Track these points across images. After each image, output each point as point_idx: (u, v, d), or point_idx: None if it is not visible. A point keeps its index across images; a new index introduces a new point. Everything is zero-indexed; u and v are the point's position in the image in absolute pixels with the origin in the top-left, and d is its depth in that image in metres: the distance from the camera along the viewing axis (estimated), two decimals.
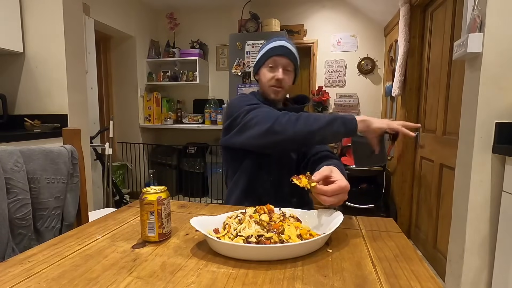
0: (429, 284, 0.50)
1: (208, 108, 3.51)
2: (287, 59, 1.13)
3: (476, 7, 1.31)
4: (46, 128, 1.85)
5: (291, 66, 1.15)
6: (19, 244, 0.85)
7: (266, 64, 1.15)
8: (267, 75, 1.14)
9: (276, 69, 1.13)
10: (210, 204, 0.97)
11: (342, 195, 0.72)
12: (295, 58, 1.15)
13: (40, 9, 1.90)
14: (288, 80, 1.15)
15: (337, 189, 0.70)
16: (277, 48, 1.13)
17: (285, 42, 1.15)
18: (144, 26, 3.62)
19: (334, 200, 0.71)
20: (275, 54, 1.12)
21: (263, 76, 1.16)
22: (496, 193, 1.31)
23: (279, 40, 1.16)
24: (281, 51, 1.12)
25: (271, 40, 1.18)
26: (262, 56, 1.16)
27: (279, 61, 1.13)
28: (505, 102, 1.29)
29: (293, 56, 1.14)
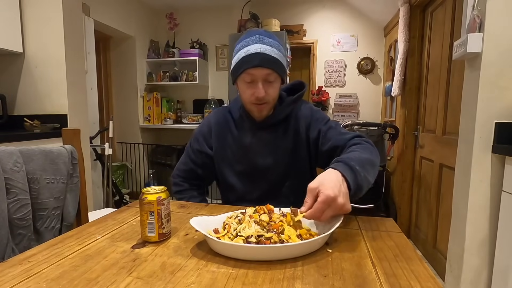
0: (429, 284, 0.50)
1: (208, 108, 3.51)
2: (266, 69, 0.90)
3: (476, 7, 1.31)
4: (45, 128, 1.85)
5: (274, 75, 0.93)
6: (18, 245, 0.85)
7: (241, 77, 0.94)
8: (245, 91, 0.95)
9: (255, 84, 0.92)
10: (210, 204, 0.97)
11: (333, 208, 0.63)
12: (277, 63, 0.92)
13: (40, 9, 1.90)
14: (273, 92, 0.95)
15: (322, 206, 0.62)
16: (251, 57, 0.90)
17: (259, 44, 0.90)
18: (143, 26, 3.62)
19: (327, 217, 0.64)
20: (249, 66, 0.90)
21: (241, 91, 0.98)
22: (496, 193, 1.31)
23: (252, 44, 0.91)
24: (256, 61, 0.89)
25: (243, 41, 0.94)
26: (236, 67, 0.95)
27: (256, 75, 0.91)
28: (504, 102, 1.29)
29: (275, 62, 0.91)
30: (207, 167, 1.09)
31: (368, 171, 0.75)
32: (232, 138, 1.05)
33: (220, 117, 1.09)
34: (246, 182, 1.04)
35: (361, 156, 0.79)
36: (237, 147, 1.04)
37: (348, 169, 0.70)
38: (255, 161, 1.03)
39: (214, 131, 1.07)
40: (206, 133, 1.08)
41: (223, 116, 1.09)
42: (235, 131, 1.05)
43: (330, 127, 0.98)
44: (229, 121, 1.07)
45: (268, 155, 1.02)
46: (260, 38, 0.92)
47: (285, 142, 1.02)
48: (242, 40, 0.95)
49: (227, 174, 1.06)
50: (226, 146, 1.05)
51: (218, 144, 1.06)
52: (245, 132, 1.04)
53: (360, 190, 0.72)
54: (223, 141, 1.06)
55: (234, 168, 1.05)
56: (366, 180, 0.74)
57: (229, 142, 1.05)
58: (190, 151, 1.10)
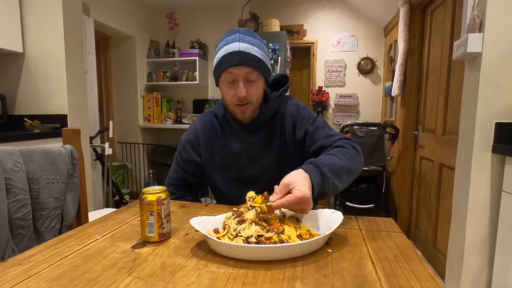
0: (429, 284, 0.50)
1: (208, 108, 3.51)
2: (246, 67, 0.88)
3: (476, 7, 1.31)
4: (45, 128, 1.85)
5: (255, 74, 0.90)
6: (19, 245, 0.85)
7: (222, 77, 0.92)
8: (227, 92, 0.93)
9: (236, 84, 0.90)
10: (210, 204, 0.97)
11: (302, 204, 0.66)
12: (258, 61, 0.89)
13: (40, 9, 1.90)
14: (255, 91, 0.92)
15: (293, 200, 0.65)
16: (230, 56, 0.88)
17: (239, 43, 0.88)
18: (144, 26, 3.62)
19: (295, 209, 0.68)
20: (229, 65, 0.88)
21: (223, 92, 0.95)
22: (496, 193, 1.31)
23: (231, 42, 0.89)
24: (236, 59, 0.87)
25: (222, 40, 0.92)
26: (216, 67, 0.93)
27: (236, 74, 0.89)
28: (504, 102, 1.29)
29: (253, 60, 0.88)
30: (198, 175, 1.07)
31: (341, 178, 0.77)
32: (220, 144, 1.03)
33: (206, 123, 1.06)
34: (239, 188, 0.96)
35: (338, 162, 0.79)
36: (226, 153, 1.02)
37: (318, 174, 0.72)
38: (246, 166, 1.00)
39: (201, 139, 1.05)
40: (193, 141, 1.05)
41: (209, 122, 1.06)
42: (222, 136, 1.03)
43: (318, 127, 0.96)
44: (216, 126, 1.04)
45: (258, 158, 1.00)
46: (240, 37, 0.89)
47: (274, 142, 0.99)
48: (222, 39, 0.93)
49: (219, 182, 1.04)
50: (215, 152, 1.03)
51: (206, 151, 1.04)
52: (232, 137, 1.02)
53: (322, 197, 0.75)
54: (211, 148, 1.04)
55: (225, 175, 1.02)
56: (334, 187, 0.76)
57: (217, 148, 1.03)
58: (180, 160, 1.07)
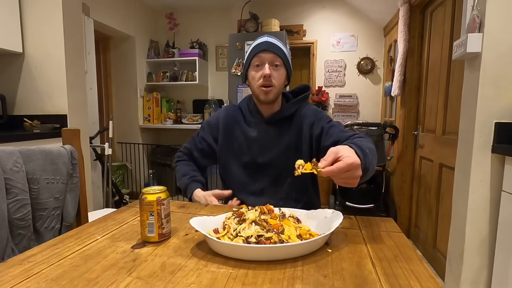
0: (428, 283, 0.50)
1: (208, 108, 3.51)
2: (271, 53, 1.06)
3: (476, 7, 1.31)
4: (45, 128, 1.85)
5: (279, 60, 1.07)
6: (18, 245, 0.85)
7: (252, 64, 1.09)
8: (254, 75, 1.08)
9: (262, 66, 1.06)
10: (210, 204, 0.97)
11: (352, 172, 0.66)
12: (281, 51, 1.08)
13: (40, 9, 1.90)
14: (278, 76, 1.07)
15: (344, 167, 0.64)
16: (259, 45, 1.08)
17: (267, 37, 1.09)
18: (143, 26, 3.62)
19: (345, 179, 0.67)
20: (258, 51, 1.06)
21: (251, 78, 1.10)
22: (496, 193, 1.31)
23: (261, 37, 1.11)
24: (264, 46, 1.06)
25: (254, 41, 1.14)
26: (247, 58, 1.12)
27: (263, 57, 1.06)
28: (504, 102, 1.29)
29: (278, 49, 1.07)
30: (203, 153, 1.20)
31: (373, 159, 0.78)
32: (240, 131, 1.15)
33: (229, 112, 1.19)
34: (249, 173, 1.12)
35: (368, 144, 0.81)
36: (243, 140, 1.13)
37: (359, 150, 0.72)
38: (258, 154, 1.11)
39: (222, 124, 1.17)
40: (213, 125, 1.19)
41: (232, 111, 1.19)
42: (244, 124, 1.15)
43: (333, 125, 1.06)
44: (238, 116, 1.18)
45: (272, 149, 1.10)
46: (268, 35, 1.10)
47: (289, 139, 1.10)
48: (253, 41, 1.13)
49: (232, 165, 1.14)
50: (233, 139, 1.15)
51: (224, 136, 1.16)
52: (251, 126, 1.14)
53: (366, 173, 0.73)
54: (230, 134, 1.15)
55: (239, 160, 1.13)
56: (372, 166, 0.76)
57: (236, 135, 1.15)
58: (196, 137, 1.23)
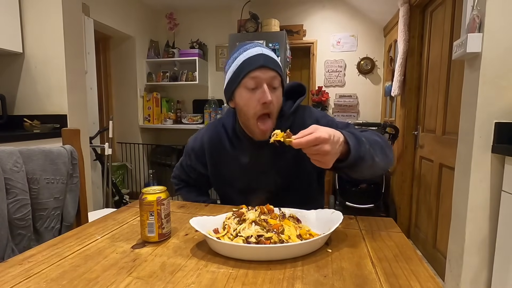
0: (428, 283, 0.50)
1: (208, 108, 3.51)
2: (270, 71, 0.82)
3: (475, 7, 1.31)
4: (45, 128, 1.85)
5: (278, 80, 0.85)
6: (18, 245, 0.85)
7: (243, 84, 0.84)
8: (248, 100, 0.84)
9: (260, 89, 0.82)
10: (209, 204, 0.97)
11: (320, 147, 0.62)
12: (279, 67, 0.86)
13: (40, 9, 1.90)
14: (277, 101, 0.86)
15: (311, 139, 0.62)
16: (253, 59, 0.82)
17: (261, 48, 0.84)
18: (143, 26, 3.62)
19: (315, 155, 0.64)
20: (253, 67, 0.81)
21: (243, 102, 0.85)
22: (496, 192, 1.31)
23: (252, 47, 0.84)
24: (260, 61, 0.82)
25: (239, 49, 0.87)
26: (235, 74, 0.85)
27: (261, 76, 0.82)
28: (504, 102, 1.29)
29: (276, 64, 0.85)
30: (200, 181, 1.09)
31: (376, 151, 0.74)
32: (228, 157, 0.98)
33: (213, 134, 1.01)
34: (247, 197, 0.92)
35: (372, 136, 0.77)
36: (234, 166, 0.97)
37: (353, 137, 0.69)
38: (255, 178, 0.96)
39: (207, 149, 1.01)
40: (198, 151, 1.03)
41: (216, 133, 1.00)
42: (231, 150, 0.97)
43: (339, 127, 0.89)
44: (223, 139, 0.99)
45: (268, 172, 0.95)
46: (259, 45, 0.86)
47: (287, 157, 0.93)
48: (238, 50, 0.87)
49: (226, 191, 1.04)
50: (221, 166, 1.00)
51: (212, 162, 1.01)
52: (241, 152, 0.96)
53: (361, 160, 0.70)
54: (218, 160, 1.00)
55: (233, 186, 1.00)
56: (370, 155, 0.71)
57: (224, 161, 0.99)
58: (184, 164, 1.09)
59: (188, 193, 1.11)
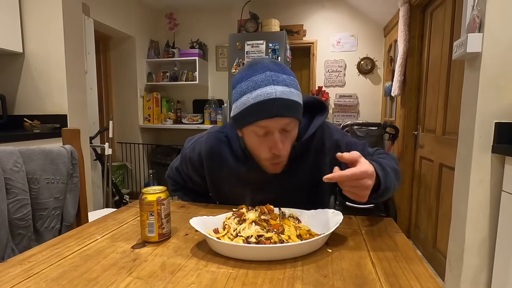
0: (428, 284, 0.50)
1: (208, 108, 3.51)
2: (285, 118, 0.71)
3: (476, 7, 1.31)
4: (45, 128, 1.85)
5: (293, 123, 0.74)
6: (18, 245, 0.85)
7: (251, 128, 0.74)
8: (258, 146, 0.76)
9: (270, 137, 0.73)
10: (210, 204, 0.97)
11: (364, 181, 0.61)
12: (297, 106, 0.73)
13: (40, 9, 1.90)
14: (289, 144, 0.77)
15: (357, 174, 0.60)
16: (265, 105, 0.69)
17: (274, 86, 0.69)
18: (143, 26, 3.62)
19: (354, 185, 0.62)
20: (263, 117, 0.70)
21: (251, 144, 0.78)
22: (496, 193, 1.31)
23: (264, 85, 0.69)
24: (273, 110, 0.69)
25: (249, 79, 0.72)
26: (243, 115, 0.73)
27: (272, 126, 0.72)
28: (504, 102, 1.29)
29: (294, 107, 0.72)
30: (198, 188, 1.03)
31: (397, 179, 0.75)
32: (231, 173, 0.88)
33: (214, 146, 0.89)
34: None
35: (391, 163, 0.77)
36: (235, 182, 0.89)
37: (380, 167, 0.68)
38: (259, 196, 0.87)
39: (206, 163, 0.91)
40: (196, 163, 0.93)
41: (217, 146, 0.89)
42: (235, 166, 0.87)
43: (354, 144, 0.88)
44: (225, 152, 0.88)
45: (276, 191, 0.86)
46: (273, 77, 0.70)
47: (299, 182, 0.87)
48: (247, 78, 0.72)
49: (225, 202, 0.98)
50: (222, 181, 0.91)
51: (211, 178, 0.93)
52: (248, 169, 0.86)
53: (388, 191, 0.70)
54: (217, 176, 0.91)
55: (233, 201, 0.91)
56: (393, 184, 0.72)
57: (224, 177, 0.90)
58: (180, 170, 1.02)
59: (185, 195, 1.06)
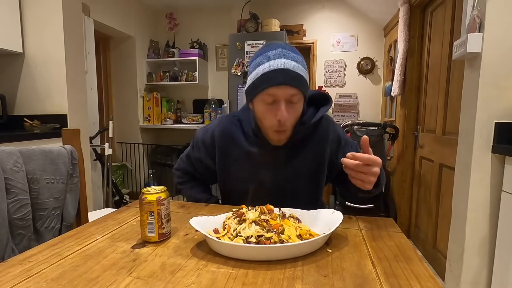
0: (428, 284, 0.50)
1: (208, 108, 3.51)
2: (291, 88, 0.79)
3: (476, 7, 1.31)
4: (45, 128, 1.85)
5: (298, 95, 0.81)
6: (18, 245, 0.85)
7: (260, 97, 0.82)
8: (265, 115, 0.83)
9: (277, 105, 0.81)
10: (209, 204, 0.97)
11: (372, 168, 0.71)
12: (303, 81, 0.81)
13: (40, 9, 1.90)
14: (294, 116, 0.84)
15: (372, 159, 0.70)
16: (274, 74, 0.78)
17: (284, 59, 0.79)
18: (143, 26, 3.62)
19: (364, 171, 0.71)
20: (272, 84, 0.78)
21: (260, 113, 0.85)
22: (496, 192, 1.31)
23: (275, 58, 0.79)
24: (281, 78, 0.78)
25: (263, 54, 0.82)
26: (254, 85, 0.82)
27: (279, 93, 0.79)
28: (504, 102, 1.29)
29: (300, 80, 0.80)
30: (206, 174, 1.05)
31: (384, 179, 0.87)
32: (241, 152, 0.94)
33: (226, 128, 0.97)
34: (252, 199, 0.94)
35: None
36: (245, 162, 0.94)
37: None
38: (265, 178, 0.93)
39: (218, 143, 0.97)
40: (209, 144, 0.99)
41: (229, 127, 0.97)
42: (245, 145, 0.94)
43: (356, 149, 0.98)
44: (237, 133, 0.95)
45: (281, 174, 0.93)
46: (284, 53, 0.81)
47: (302, 166, 0.93)
48: (262, 53, 0.83)
49: (231, 190, 1.01)
50: (231, 162, 0.96)
51: (221, 159, 0.98)
52: (257, 148, 0.93)
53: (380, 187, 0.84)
54: (227, 155, 0.97)
55: (240, 186, 0.96)
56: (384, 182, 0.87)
57: (235, 157, 0.95)
58: (192, 156, 1.05)
59: (192, 189, 1.07)
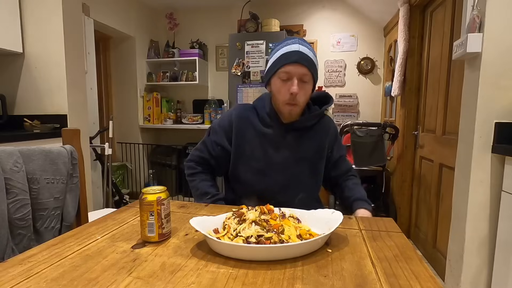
0: (428, 284, 0.50)
1: (208, 108, 3.51)
2: (303, 67, 0.96)
3: (476, 7, 1.31)
4: (45, 128, 1.85)
5: (309, 76, 0.98)
6: (18, 245, 0.85)
7: (277, 74, 0.99)
8: (280, 88, 0.99)
9: (290, 81, 0.97)
10: (210, 204, 0.97)
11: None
12: (313, 64, 0.99)
13: (40, 9, 1.90)
14: (304, 93, 0.99)
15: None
16: (290, 54, 0.96)
17: (299, 45, 0.97)
18: (143, 26, 3.62)
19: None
20: (288, 62, 0.96)
21: (276, 89, 1.01)
22: (496, 192, 1.31)
23: (292, 44, 0.98)
24: (295, 57, 0.95)
25: (283, 43, 1.02)
26: (273, 64, 1.01)
27: (293, 71, 0.96)
28: (504, 102, 1.29)
29: (311, 62, 0.97)
30: (221, 160, 1.11)
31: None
32: (254, 133, 1.06)
33: (242, 113, 1.10)
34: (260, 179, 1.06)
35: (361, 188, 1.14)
36: (257, 143, 1.06)
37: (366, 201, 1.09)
38: (273, 157, 1.05)
39: (235, 126, 1.08)
40: (227, 127, 1.09)
41: (246, 112, 1.10)
42: (259, 126, 1.07)
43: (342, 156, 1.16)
44: (252, 117, 1.08)
45: (288, 155, 1.06)
46: (300, 41, 0.99)
47: (306, 149, 1.07)
48: (282, 42, 1.02)
49: (241, 170, 1.08)
50: (245, 142, 1.07)
51: (237, 139, 1.07)
52: (269, 128, 1.06)
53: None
54: (242, 137, 1.07)
55: (250, 166, 1.07)
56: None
57: (248, 138, 1.06)
58: (207, 141, 1.13)
59: (201, 182, 1.12)
